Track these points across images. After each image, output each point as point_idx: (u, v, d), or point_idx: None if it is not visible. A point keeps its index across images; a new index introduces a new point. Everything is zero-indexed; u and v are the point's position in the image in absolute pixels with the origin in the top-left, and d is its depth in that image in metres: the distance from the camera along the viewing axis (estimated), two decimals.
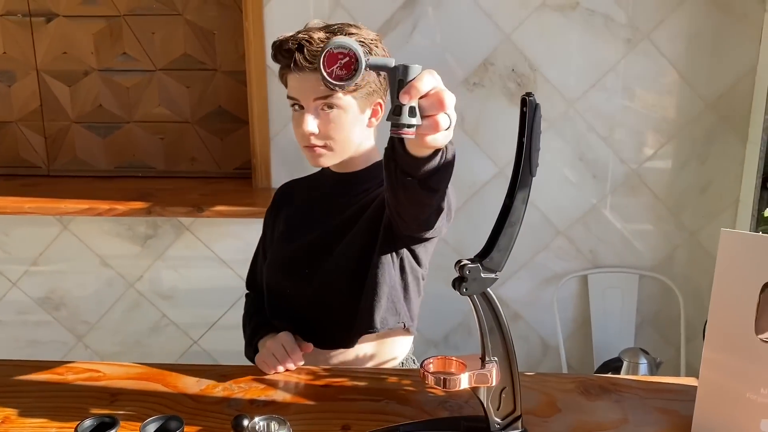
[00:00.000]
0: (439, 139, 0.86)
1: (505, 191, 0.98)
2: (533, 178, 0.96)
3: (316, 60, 1.17)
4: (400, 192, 1.05)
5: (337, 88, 0.93)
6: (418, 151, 0.93)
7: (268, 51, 2.24)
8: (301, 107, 1.28)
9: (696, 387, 1.16)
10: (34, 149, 2.48)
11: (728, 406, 1.07)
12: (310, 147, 1.29)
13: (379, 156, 1.40)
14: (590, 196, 2.32)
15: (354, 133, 1.31)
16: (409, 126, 0.82)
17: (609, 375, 1.34)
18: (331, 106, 1.26)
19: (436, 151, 0.94)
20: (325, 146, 1.29)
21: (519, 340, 2.35)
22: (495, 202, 0.99)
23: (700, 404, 1.09)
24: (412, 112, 0.82)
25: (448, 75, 2.20)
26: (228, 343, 1.80)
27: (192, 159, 2.47)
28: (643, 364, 2.16)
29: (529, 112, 0.92)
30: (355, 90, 1.26)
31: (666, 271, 2.36)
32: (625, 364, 2.17)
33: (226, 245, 2.40)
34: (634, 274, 2.37)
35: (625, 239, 2.35)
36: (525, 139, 0.93)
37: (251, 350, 1.40)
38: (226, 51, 2.35)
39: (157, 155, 2.48)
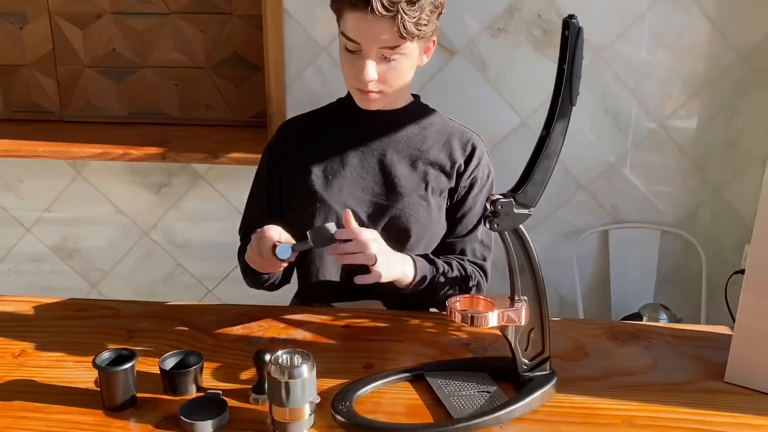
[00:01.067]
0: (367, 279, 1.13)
1: (529, 144, 0.94)
2: (573, 111, 0.91)
3: (394, 7, 1.12)
4: None
5: (406, 40, 1.09)
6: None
7: None
8: (359, 49, 1.20)
9: (728, 335, 1.13)
10: (47, 94, 2.44)
11: (764, 352, 1.03)
12: (365, 91, 1.23)
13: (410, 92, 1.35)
14: (614, 149, 2.26)
15: (410, 77, 1.26)
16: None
17: (637, 322, 1.31)
18: (396, 54, 1.19)
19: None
20: (380, 92, 1.24)
21: None
22: (517, 154, 0.96)
23: (736, 350, 1.06)
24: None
25: (472, 19, 2.12)
26: (243, 294, 1.77)
27: (206, 106, 2.42)
28: (663, 320, 2.13)
29: (571, 36, 0.87)
30: (418, 36, 1.19)
31: (688, 228, 2.31)
32: (644, 319, 2.14)
33: (241, 194, 2.34)
34: (655, 230, 2.32)
35: (648, 195, 2.30)
36: (566, 65, 0.88)
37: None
38: None
39: (171, 102, 2.43)
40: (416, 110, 1.34)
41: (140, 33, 2.34)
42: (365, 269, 1.14)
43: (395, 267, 1.17)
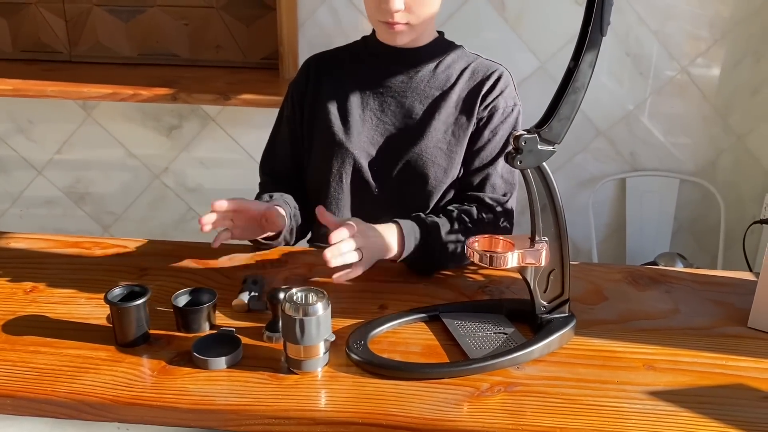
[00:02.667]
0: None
1: (547, 89, 0.90)
2: (603, 39, 0.86)
3: None
4: None
5: None
6: None
7: None
8: None
9: (752, 281, 1.10)
10: (54, 33, 2.39)
11: None
12: (391, 24, 1.18)
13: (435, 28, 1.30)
14: (635, 95, 2.19)
15: (436, 7, 1.21)
16: None
17: (658, 267, 1.28)
18: None
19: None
20: (407, 23, 1.19)
21: None
22: (536, 98, 0.92)
23: (761, 295, 1.03)
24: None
25: None
26: None
27: (217, 47, 2.37)
28: (680, 268, 2.10)
29: None
30: None
31: (708, 176, 2.27)
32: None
33: (252, 137, 2.33)
34: (674, 179, 2.28)
35: (668, 142, 2.25)
36: None
37: None
38: None
39: (181, 42, 2.38)
40: (440, 47, 1.29)
41: None
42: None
43: (378, 255, 1.13)
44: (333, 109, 1.29)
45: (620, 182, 2.30)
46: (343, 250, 1.03)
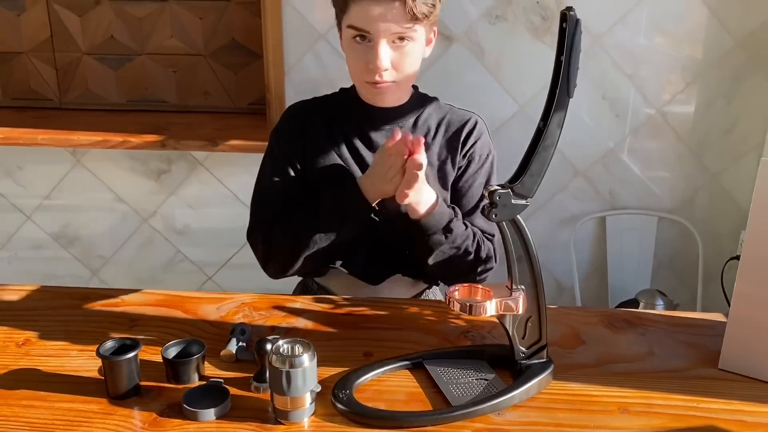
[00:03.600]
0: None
1: (527, 130, 0.95)
2: (570, 100, 0.92)
3: None
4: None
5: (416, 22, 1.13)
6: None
7: None
8: (366, 38, 1.19)
9: (723, 322, 1.14)
10: (45, 81, 2.44)
11: (758, 340, 1.05)
12: (376, 83, 1.21)
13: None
14: (611, 135, 2.26)
15: (419, 65, 1.25)
16: None
17: (633, 309, 1.32)
18: (406, 39, 1.19)
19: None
20: (393, 81, 1.22)
21: None
22: (515, 141, 0.97)
23: (730, 337, 1.07)
24: None
25: (470, 7, 2.12)
26: (243, 280, 1.78)
27: (205, 93, 2.42)
28: (660, 305, 2.15)
29: (569, 28, 0.87)
30: (427, 17, 1.19)
31: (685, 214, 2.33)
32: (641, 305, 2.15)
33: (240, 181, 2.37)
34: (652, 216, 2.34)
35: (645, 181, 2.31)
36: (563, 57, 0.89)
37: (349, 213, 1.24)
38: None
39: (170, 89, 2.43)
40: (418, 102, 1.34)
41: (138, 20, 2.34)
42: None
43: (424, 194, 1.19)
44: (325, 158, 1.30)
45: (600, 220, 2.36)
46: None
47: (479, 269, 1.29)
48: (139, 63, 2.40)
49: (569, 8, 0.87)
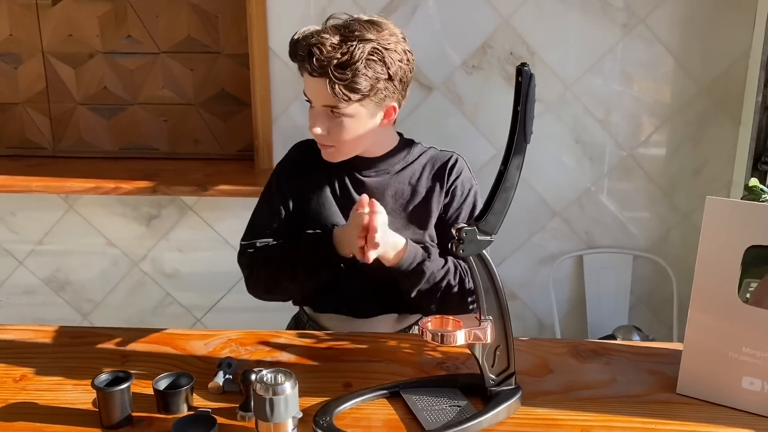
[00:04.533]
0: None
1: None
2: (527, 146, 1.01)
3: (324, 70, 1.23)
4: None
5: (342, 101, 1.20)
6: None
7: (271, 34, 2.30)
8: (311, 104, 1.32)
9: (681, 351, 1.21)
10: (39, 131, 2.53)
11: (712, 365, 1.12)
12: (320, 145, 1.35)
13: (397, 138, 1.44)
14: (586, 178, 2.36)
15: (362, 136, 1.34)
16: None
17: (600, 340, 1.40)
18: (338, 113, 1.29)
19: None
20: (333, 146, 1.34)
21: (515, 319, 2.38)
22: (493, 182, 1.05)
23: (686, 363, 1.15)
24: None
25: (448, 58, 2.24)
26: (232, 323, 1.85)
27: (195, 141, 2.51)
28: (636, 340, 2.22)
29: (524, 82, 0.97)
30: (362, 99, 1.28)
31: (660, 252, 2.42)
32: (618, 340, 2.22)
33: (229, 225, 2.45)
34: (628, 255, 2.43)
35: (620, 221, 2.41)
36: (520, 107, 0.98)
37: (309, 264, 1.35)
38: (229, 34, 2.39)
39: (161, 137, 2.52)
40: (403, 148, 1.43)
41: (131, 72, 2.44)
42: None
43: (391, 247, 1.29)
44: (320, 196, 1.40)
45: (578, 259, 2.44)
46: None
47: (469, 299, 1.37)
48: (131, 112, 2.49)
49: (523, 64, 0.97)
